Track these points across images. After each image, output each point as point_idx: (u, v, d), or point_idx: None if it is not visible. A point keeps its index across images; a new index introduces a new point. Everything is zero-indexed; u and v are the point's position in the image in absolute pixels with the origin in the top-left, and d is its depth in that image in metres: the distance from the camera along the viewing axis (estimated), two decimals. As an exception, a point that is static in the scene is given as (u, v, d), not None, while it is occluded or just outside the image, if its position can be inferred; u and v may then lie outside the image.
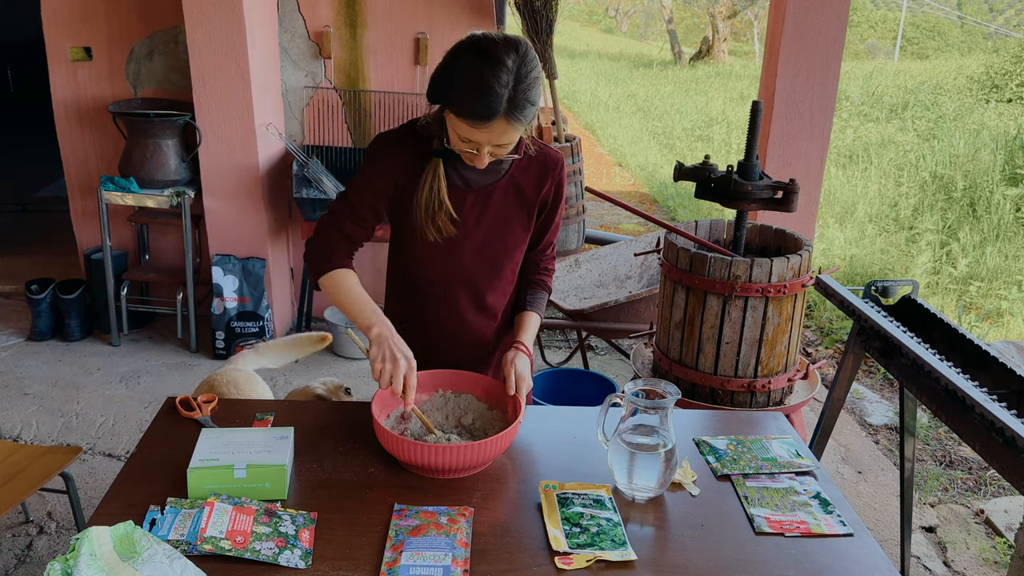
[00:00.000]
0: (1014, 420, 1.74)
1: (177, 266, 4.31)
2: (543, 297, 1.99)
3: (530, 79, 1.60)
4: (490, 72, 1.57)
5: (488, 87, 1.57)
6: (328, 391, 2.21)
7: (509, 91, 1.58)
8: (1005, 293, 5.34)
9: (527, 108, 1.61)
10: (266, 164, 3.99)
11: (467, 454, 1.58)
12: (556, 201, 1.93)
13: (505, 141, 1.65)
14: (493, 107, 1.58)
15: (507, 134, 1.63)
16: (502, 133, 1.62)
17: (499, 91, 1.57)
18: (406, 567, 1.38)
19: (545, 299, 2.00)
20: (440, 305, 1.93)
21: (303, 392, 2.22)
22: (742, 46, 23.59)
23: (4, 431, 3.34)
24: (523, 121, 1.62)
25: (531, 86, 1.60)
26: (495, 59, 1.57)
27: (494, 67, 1.57)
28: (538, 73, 1.62)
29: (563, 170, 1.90)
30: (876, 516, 3.09)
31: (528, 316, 1.94)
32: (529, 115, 1.63)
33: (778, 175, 3.85)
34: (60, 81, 4.15)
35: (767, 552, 1.49)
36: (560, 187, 1.91)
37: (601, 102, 13.58)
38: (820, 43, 3.85)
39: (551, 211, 1.93)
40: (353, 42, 4.12)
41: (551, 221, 1.96)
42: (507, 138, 1.64)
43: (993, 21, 26.78)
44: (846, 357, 2.51)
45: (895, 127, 10.27)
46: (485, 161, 1.68)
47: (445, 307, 1.93)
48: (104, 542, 1.34)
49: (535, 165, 1.86)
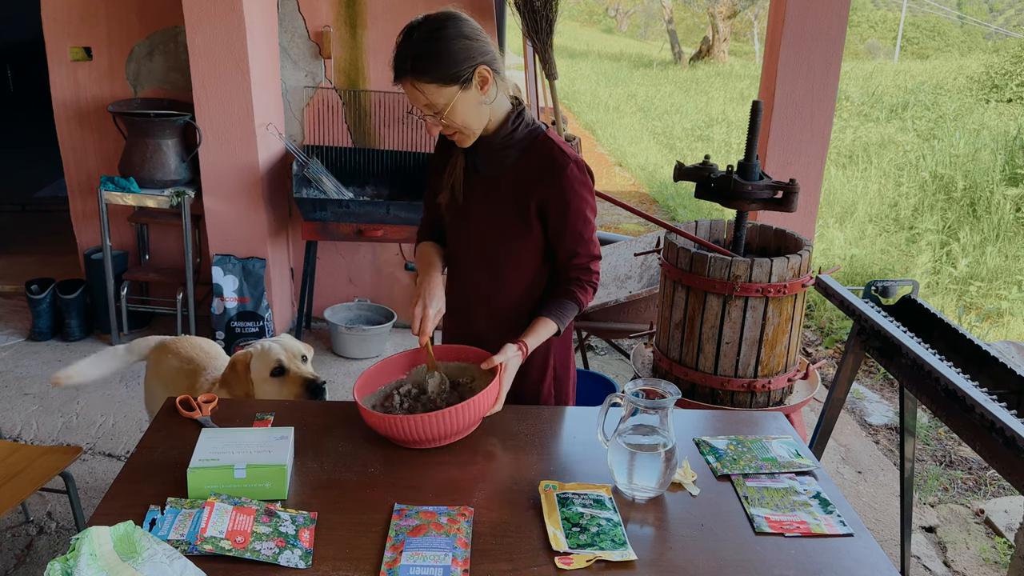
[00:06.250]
0: (1014, 420, 1.74)
1: (177, 266, 4.31)
2: (566, 306, 1.92)
3: (435, 38, 1.70)
4: (401, 35, 1.75)
5: (397, 48, 1.74)
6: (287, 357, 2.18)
7: (412, 50, 1.71)
8: (1005, 293, 5.34)
9: (429, 66, 1.70)
10: (266, 164, 3.99)
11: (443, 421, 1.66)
12: (562, 207, 1.86)
13: (426, 103, 1.74)
14: (398, 66, 1.73)
15: (425, 95, 1.72)
16: (419, 94, 1.73)
17: (403, 50, 1.72)
18: (406, 567, 1.38)
19: (569, 309, 1.92)
20: (461, 281, 2.06)
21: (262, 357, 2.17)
22: (742, 46, 23.59)
23: (4, 431, 3.34)
24: (429, 79, 1.70)
25: (433, 45, 1.70)
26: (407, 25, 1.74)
27: (403, 31, 1.74)
28: (453, 34, 1.70)
29: (568, 177, 1.83)
30: (876, 516, 3.09)
31: (540, 321, 1.91)
32: (438, 74, 1.70)
33: (778, 175, 3.85)
34: (60, 81, 4.15)
35: (767, 552, 1.49)
36: (564, 193, 1.84)
37: (601, 102, 13.58)
38: (820, 43, 3.85)
39: (558, 217, 1.87)
40: (353, 42, 4.12)
41: (562, 228, 1.88)
42: (429, 99, 1.73)
43: (993, 21, 26.78)
44: (846, 357, 2.51)
45: (895, 127, 10.27)
46: (432, 128, 1.80)
47: (465, 283, 2.05)
48: (104, 542, 1.34)
49: (536, 164, 1.87)
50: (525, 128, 1.87)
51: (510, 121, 1.85)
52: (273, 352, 2.17)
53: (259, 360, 2.16)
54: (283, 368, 2.16)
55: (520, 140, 1.87)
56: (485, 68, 1.74)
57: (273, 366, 2.15)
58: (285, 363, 2.16)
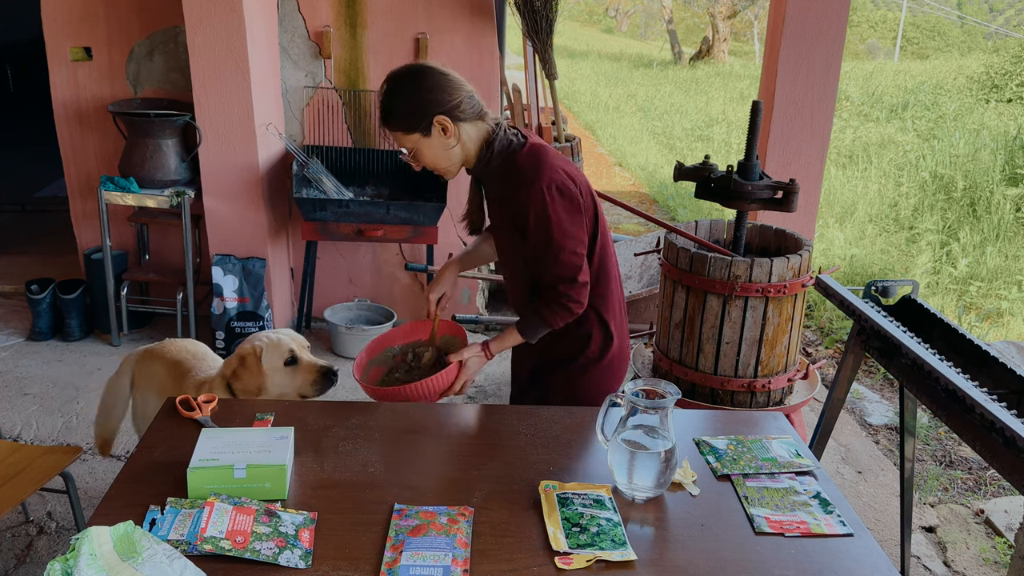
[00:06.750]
0: (1014, 420, 1.74)
1: (177, 266, 4.31)
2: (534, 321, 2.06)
3: (396, 93, 1.93)
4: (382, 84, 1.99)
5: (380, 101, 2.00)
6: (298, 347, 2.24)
7: (382, 101, 1.96)
8: (1005, 293, 5.34)
9: (393, 118, 1.95)
10: (266, 164, 3.99)
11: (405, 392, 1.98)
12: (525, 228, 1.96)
13: (402, 145, 2.00)
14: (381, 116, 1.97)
15: (400, 139, 1.98)
16: (396, 138, 1.98)
17: (381, 102, 1.97)
18: (406, 567, 1.38)
19: (538, 325, 2.06)
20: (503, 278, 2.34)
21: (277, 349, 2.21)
22: (742, 46, 23.60)
23: (4, 431, 3.34)
24: (396, 128, 1.95)
25: (393, 100, 1.93)
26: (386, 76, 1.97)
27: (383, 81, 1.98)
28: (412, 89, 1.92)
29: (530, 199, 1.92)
30: (876, 516, 3.09)
31: (510, 329, 2.10)
32: (399, 124, 1.94)
33: (778, 175, 3.85)
34: (60, 81, 4.15)
35: (767, 552, 1.49)
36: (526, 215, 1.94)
37: (601, 102, 13.58)
38: (820, 43, 3.86)
39: (526, 237, 1.98)
40: (353, 42, 4.12)
41: (529, 247, 1.99)
42: (400, 142, 1.98)
43: (993, 21, 26.79)
44: (846, 357, 2.51)
45: (895, 127, 10.27)
46: (415, 165, 2.04)
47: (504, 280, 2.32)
48: (104, 542, 1.34)
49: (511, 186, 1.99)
50: (500, 154, 2.00)
51: (483, 152, 2.01)
52: (284, 343, 2.23)
53: (272, 351, 2.22)
54: (295, 357, 2.22)
55: (497, 167, 2.01)
56: (443, 118, 1.92)
57: (287, 356, 2.21)
58: (297, 352, 2.23)
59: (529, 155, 1.98)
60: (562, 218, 1.94)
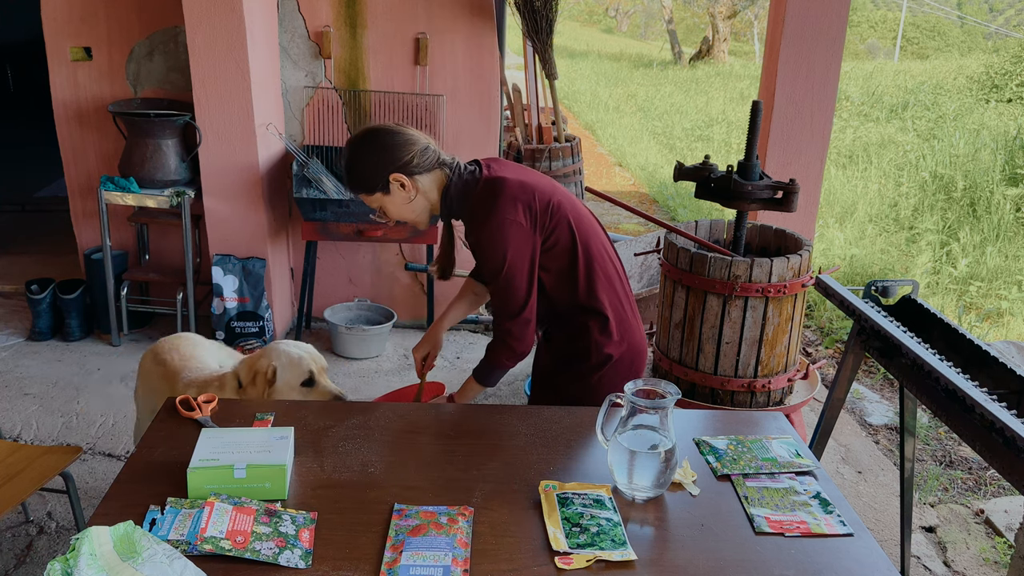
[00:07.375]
0: (1014, 420, 1.74)
1: (177, 266, 4.31)
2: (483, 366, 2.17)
3: (351, 159, 2.04)
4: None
5: None
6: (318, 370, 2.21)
7: (343, 166, 2.09)
8: (1005, 293, 5.34)
9: (353, 182, 2.07)
10: (266, 164, 3.99)
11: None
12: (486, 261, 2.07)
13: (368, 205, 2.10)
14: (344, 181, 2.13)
15: (365, 200, 2.08)
16: (362, 199, 2.08)
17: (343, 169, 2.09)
18: (406, 567, 1.38)
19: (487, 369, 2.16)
20: None
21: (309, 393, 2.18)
22: (742, 46, 23.59)
23: (4, 431, 3.34)
24: (358, 190, 2.06)
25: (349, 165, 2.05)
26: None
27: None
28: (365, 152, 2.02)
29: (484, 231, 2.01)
30: (876, 516, 3.09)
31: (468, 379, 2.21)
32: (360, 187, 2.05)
33: (778, 175, 3.85)
34: (60, 81, 4.15)
35: (767, 552, 1.49)
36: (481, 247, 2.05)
37: (601, 102, 13.58)
38: (820, 43, 3.86)
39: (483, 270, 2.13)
40: (353, 42, 4.12)
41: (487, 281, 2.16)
42: (368, 203, 2.09)
43: (993, 21, 26.78)
44: (846, 357, 2.51)
45: (895, 127, 10.27)
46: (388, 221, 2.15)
47: None
48: (104, 542, 1.34)
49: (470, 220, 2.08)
50: (458, 197, 2.07)
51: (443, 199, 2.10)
52: (304, 363, 2.18)
53: (292, 369, 2.16)
54: (313, 379, 2.18)
55: (459, 209, 2.09)
56: (398, 175, 2.01)
57: (305, 377, 2.17)
58: (316, 375, 2.19)
59: (483, 193, 2.05)
60: (511, 254, 2.00)
